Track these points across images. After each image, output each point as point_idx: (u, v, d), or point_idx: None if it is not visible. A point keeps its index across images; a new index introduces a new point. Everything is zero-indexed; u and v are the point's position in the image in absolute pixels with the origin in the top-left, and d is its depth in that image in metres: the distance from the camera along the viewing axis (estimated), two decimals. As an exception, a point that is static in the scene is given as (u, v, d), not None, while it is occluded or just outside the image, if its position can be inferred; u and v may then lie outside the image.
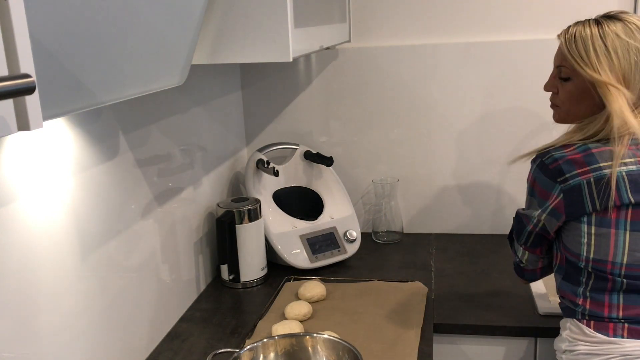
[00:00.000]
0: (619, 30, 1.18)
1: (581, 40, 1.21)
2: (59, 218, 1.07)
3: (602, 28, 1.19)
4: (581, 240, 1.19)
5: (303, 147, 1.99)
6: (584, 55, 1.20)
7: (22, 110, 0.54)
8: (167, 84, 1.06)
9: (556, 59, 1.29)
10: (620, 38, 1.18)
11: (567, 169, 1.18)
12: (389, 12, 1.98)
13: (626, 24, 1.19)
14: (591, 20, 1.24)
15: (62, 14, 0.68)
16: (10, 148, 0.95)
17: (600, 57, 1.18)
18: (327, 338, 1.24)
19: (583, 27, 1.22)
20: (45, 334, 1.04)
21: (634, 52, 1.17)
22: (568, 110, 1.28)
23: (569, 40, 1.23)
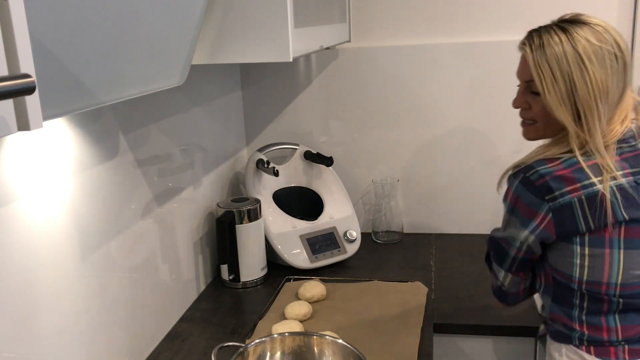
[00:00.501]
0: (589, 35, 1.12)
1: (553, 56, 1.12)
2: (59, 218, 1.07)
3: (570, 35, 1.12)
4: (573, 262, 1.13)
5: (303, 147, 1.99)
6: (557, 74, 1.12)
7: (22, 110, 0.54)
8: (167, 84, 1.06)
9: (523, 74, 1.20)
10: (591, 43, 1.11)
11: (556, 186, 1.11)
12: (389, 12, 1.98)
13: (592, 27, 1.13)
14: (554, 26, 1.15)
15: (62, 14, 0.68)
16: (10, 148, 0.95)
17: (574, 71, 1.10)
18: (334, 341, 1.24)
19: (550, 37, 1.13)
20: (45, 334, 1.04)
21: (608, 57, 1.11)
22: (545, 125, 1.20)
23: (538, 56, 1.14)
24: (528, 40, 1.18)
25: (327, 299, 1.62)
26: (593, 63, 1.10)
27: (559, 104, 1.12)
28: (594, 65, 1.10)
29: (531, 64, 1.15)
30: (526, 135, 1.26)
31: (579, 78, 1.10)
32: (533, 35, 1.17)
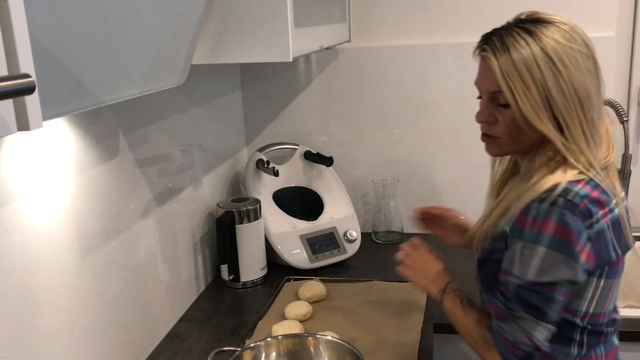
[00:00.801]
0: (556, 35, 1.00)
1: (522, 61, 0.99)
2: (59, 218, 1.07)
3: (537, 37, 1.00)
4: (584, 295, 1.03)
5: (303, 147, 1.99)
6: (529, 81, 0.99)
7: (22, 110, 0.54)
8: (167, 83, 1.06)
9: (487, 84, 1.06)
10: (561, 44, 0.99)
11: (594, 210, 0.97)
12: (389, 12, 1.98)
13: (558, 26, 1.02)
14: (515, 28, 1.02)
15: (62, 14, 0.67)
16: (10, 148, 0.95)
17: (547, 76, 0.98)
18: (329, 339, 1.24)
19: (515, 40, 1.00)
20: (45, 334, 1.04)
21: (580, 58, 1.00)
22: (512, 141, 1.06)
23: (505, 63, 1.00)
24: (489, 46, 1.03)
25: (327, 299, 1.62)
26: (566, 65, 0.99)
27: (536, 113, 0.99)
28: (568, 68, 0.99)
29: (497, 73, 1.01)
30: (490, 150, 1.12)
31: (553, 84, 0.98)
32: (493, 39, 1.03)
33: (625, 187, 1.79)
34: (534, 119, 1.00)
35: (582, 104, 1.00)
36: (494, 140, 1.09)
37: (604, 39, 1.85)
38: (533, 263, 0.98)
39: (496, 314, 1.05)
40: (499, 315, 1.05)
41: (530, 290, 1.00)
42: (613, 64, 1.87)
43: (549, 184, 0.99)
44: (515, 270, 1.01)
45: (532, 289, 1.00)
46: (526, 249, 0.99)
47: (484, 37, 1.07)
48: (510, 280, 1.02)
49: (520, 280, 1.00)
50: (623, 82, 1.89)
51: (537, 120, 1.00)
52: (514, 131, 1.05)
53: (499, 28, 1.06)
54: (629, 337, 1.46)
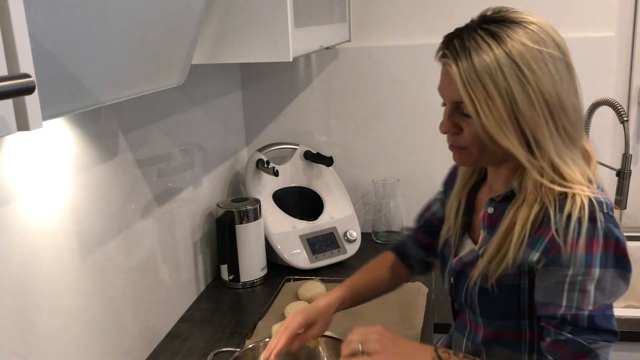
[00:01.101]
0: (523, 37, 0.92)
1: (485, 69, 0.90)
2: (58, 218, 1.07)
3: (501, 40, 0.91)
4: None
5: (303, 147, 1.99)
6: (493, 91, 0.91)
7: (22, 110, 0.54)
8: (167, 83, 1.06)
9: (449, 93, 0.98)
10: (528, 47, 0.91)
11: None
12: (389, 12, 1.97)
13: (526, 27, 0.93)
14: (478, 30, 0.94)
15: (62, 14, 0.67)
16: (10, 148, 0.95)
17: (513, 84, 0.90)
18: (329, 339, 1.24)
19: (477, 44, 0.92)
20: (45, 334, 1.04)
21: (551, 62, 0.92)
22: (481, 152, 0.98)
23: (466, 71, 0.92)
24: (449, 51, 0.95)
25: (327, 299, 1.61)
26: (534, 71, 0.90)
27: (499, 127, 0.92)
28: (536, 74, 0.90)
29: (458, 82, 0.93)
30: (459, 161, 1.05)
31: (519, 92, 0.90)
32: (454, 42, 0.95)
33: (625, 187, 1.79)
34: (498, 135, 0.93)
35: (552, 113, 0.92)
36: (461, 150, 1.02)
37: (604, 38, 1.85)
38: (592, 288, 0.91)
39: (573, 354, 0.94)
40: (576, 355, 0.93)
41: (602, 316, 0.92)
42: (613, 63, 1.87)
43: (569, 201, 0.92)
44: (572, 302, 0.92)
45: (602, 314, 0.92)
46: (580, 275, 0.91)
47: (445, 39, 0.99)
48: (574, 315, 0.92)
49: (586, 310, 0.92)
50: (623, 82, 1.88)
51: (500, 135, 0.93)
52: (482, 142, 0.97)
53: (461, 29, 0.97)
54: (629, 337, 1.46)
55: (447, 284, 1.16)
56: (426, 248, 1.30)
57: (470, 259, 1.08)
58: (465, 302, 1.09)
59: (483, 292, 1.04)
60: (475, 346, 1.10)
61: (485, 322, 1.07)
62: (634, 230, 1.99)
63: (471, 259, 1.08)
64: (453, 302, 1.17)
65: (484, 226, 1.06)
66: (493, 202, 1.04)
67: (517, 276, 0.99)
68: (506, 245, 0.98)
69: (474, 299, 1.06)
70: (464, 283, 1.08)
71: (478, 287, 1.04)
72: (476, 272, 1.03)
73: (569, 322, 0.93)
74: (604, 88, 1.87)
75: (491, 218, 1.04)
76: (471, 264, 1.07)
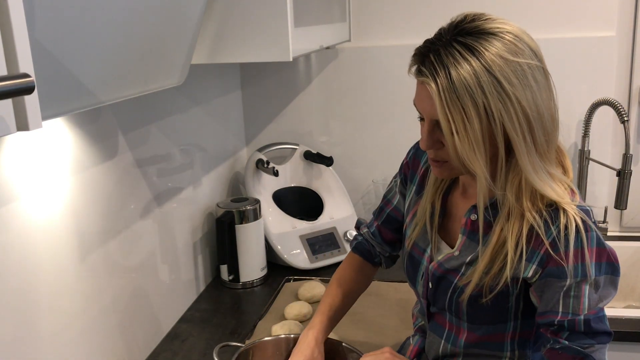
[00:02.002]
0: (501, 50, 0.88)
1: (464, 87, 0.87)
2: (58, 218, 1.07)
3: (480, 55, 0.88)
4: None
5: (303, 147, 1.99)
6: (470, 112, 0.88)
7: (21, 110, 0.54)
8: (167, 83, 1.06)
9: (428, 111, 0.94)
10: (508, 61, 0.88)
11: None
12: (389, 12, 1.97)
13: (502, 38, 0.89)
14: (454, 43, 0.89)
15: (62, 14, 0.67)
16: (9, 148, 0.95)
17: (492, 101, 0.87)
18: (329, 340, 1.23)
19: (455, 61, 0.88)
20: (44, 335, 1.04)
21: (529, 73, 0.89)
22: (464, 163, 0.94)
23: (446, 91, 0.88)
24: (426, 68, 0.91)
25: (327, 299, 1.61)
26: (515, 86, 0.87)
27: (471, 149, 0.90)
28: (517, 89, 0.88)
29: (437, 102, 0.89)
30: (440, 174, 1.04)
31: (499, 109, 0.88)
32: (431, 57, 0.90)
33: (625, 187, 1.79)
34: (469, 157, 0.91)
35: (531, 127, 0.91)
36: (443, 165, 1.00)
37: (605, 38, 1.85)
38: (586, 294, 0.94)
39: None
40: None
41: (596, 319, 0.95)
42: (614, 63, 1.87)
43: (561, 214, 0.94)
44: (568, 309, 0.95)
45: (596, 317, 0.95)
46: (575, 284, 0.94)
47: (419, 54, 0.94)
48: (571, 320, 0.94)
49: (581, 315, 0.94)
50: (624, 82, 1.88)
51: (472, 158, 0.91)
52: (468, 153, 0.93)
53: (434, 41, 0.93)
54: (629, 337, 1.45)
55: (422, 287, 1.13)
56: (392, 243, 1.28)
57: (453, 265, 1.06)
58: (449, 308, 1.08)
59: (473, 302, 1.03)
60: (454, 348, 1.10)
61: (471, 328, 1.07)
62: (634, 231, 1.99)
63: (454, 266, 1.06)
64: (428, 306, 1.14)
65: (465, 231, 1.05)
66: (475, 209, 1.03)
67: (506, 284, 0.99)
68: (500, 260, 0.98)
69: (462, 307, 1.05)
70: (446, 288, 1.07)
71: (470, 297, 1.03)
72: (470, 285, 1.01)
73: (566, 328, 0.95)
74: (605, 88, 1.87)
75: (474, 225, 1.04)
76: (454, 270, 1.06)
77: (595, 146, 1.91)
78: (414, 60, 0.95)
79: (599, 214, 1.96)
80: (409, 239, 1.16)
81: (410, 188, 1.21)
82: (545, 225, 0.95)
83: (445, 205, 1.12)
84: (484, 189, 0.95)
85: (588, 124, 1.86)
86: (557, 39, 1.87)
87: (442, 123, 0.90)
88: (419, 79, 0.94)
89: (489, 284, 0.99)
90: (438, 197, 1.12)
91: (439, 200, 1.12)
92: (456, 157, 0.94)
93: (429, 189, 1.13)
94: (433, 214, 1.11)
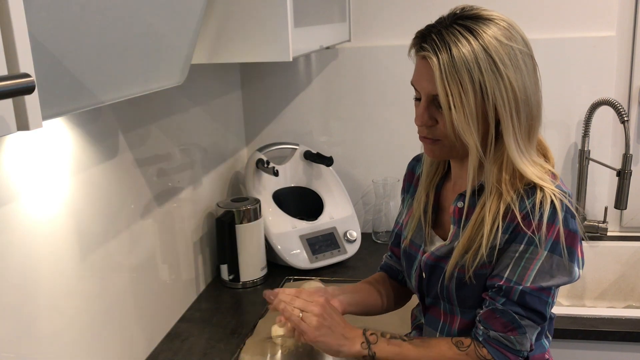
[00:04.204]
0: (497, 34, 0.96)
1: (463, 63, 0.94)
2: (58, 218, 1.07)
3: (479, 36, 0.95)
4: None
5: (303, 147, 1.99)
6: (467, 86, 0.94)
7: (22, 109, 0.54)
8: (167, 83, 1.06)
9: (427, 86, 1.00)
10: (502, 44, 0.95)
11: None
12: (389, 11, 1.97)
13: (498, 24, 0.97)
14: (455, 26, 0.97)
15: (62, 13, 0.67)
16: (9, 148, 0.95)
17: (487, 79, 0.94)
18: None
19: (456, 39, 0.95)
20: (44, 334, 1.04)
21: (520, 57, 0.97)
22: (454, 145, 1.01)
23: (446, 66, 0.95)
24: (429, 44, 0.97)
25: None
26: (507, 66, 0.95)
27: (466, 122, 0.96)
28: (509, 69, 0.95)
29: (437, 75, 0.96)
30: (432, 153, 1.07)
31: (493, 87, 0.95)
32: (433, 36, 0.98)
33: (625, 187, 1.79)
34: (464, 130, 0.97)
35: (518, 108, 0.97)
36: (434, 143, 1.04)
37: (605, 38, 1.85)
38: (535, 267, 0.98)
39: (504, 325, 1.01)
40: (507, 327, 1.01)
41: (534, 296, 0.99)
42: (614, 63, 1.87)
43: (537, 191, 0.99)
44: (513, 275, 1.00)
45: (535, 294, 0.99)
46: (528, 252, 0.99)
47: (420, 35, 1.01)
48: (509, 287, 1.00)
49: (522, 285, 0.99)
50: (624, 82, 1.88)
51: (466, 131, 0.97)
52: (455, 134, 1.00)
53: (435, 25, 1.01)
54: (629, 337, 1.46)
55: (415, 280, 1.17)
56: None
57: (443, 252, 1.10)
58: (441, 295, 1.11)
59: (460, 284, 1.06)
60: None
61: (462, 312, 1.10)
62: (634, 231, 1.99)
63: (444, 252, 1.10)
64: (424, 299, 1.17)
65: (454, 221, 1.09)
66: (462, 197, 1.08)
67: (490, 264, 1.03)
68: (478, 239, 1.02)
69: (451, 291, 1.08)
70: (439, 276, 1.10)
71: (455, 279, 1.06)
72: (451, 263, 1.06)
73: (503, 294, 1.00)
74: (605, 88, 1.87)
75: (461, 212, 1.08)
76: (445, 257, 1.09)
77: (595, 146, 1.91)
78: (415, 40, 1.02)
79: (598, 214, 1.96)
80: (405, 239, 1.20)
81: (407, 197, 1.28)
82: (521, 201, 1.00)
83: (438, 200, 1.17)
84: (474, 161, 1.00)
85: (588, 124, 1.86)
86: (557, 39, 1.87)
87: (441, 96, 0.96)
88: (419, 55, 1.01)
89: (469, 262, 1.03)
90: (432, 188, 1.17)
91: (432, 192, 1.16)
92: (451, 130, 0.99)
93: (422, 180, 1.18)
94: (427, 207, 1.16)
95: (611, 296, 1.93)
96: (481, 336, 1.04)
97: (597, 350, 1.48)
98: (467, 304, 1.08)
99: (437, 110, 1.01)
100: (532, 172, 1.00)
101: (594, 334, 1.46)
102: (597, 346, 1.47)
